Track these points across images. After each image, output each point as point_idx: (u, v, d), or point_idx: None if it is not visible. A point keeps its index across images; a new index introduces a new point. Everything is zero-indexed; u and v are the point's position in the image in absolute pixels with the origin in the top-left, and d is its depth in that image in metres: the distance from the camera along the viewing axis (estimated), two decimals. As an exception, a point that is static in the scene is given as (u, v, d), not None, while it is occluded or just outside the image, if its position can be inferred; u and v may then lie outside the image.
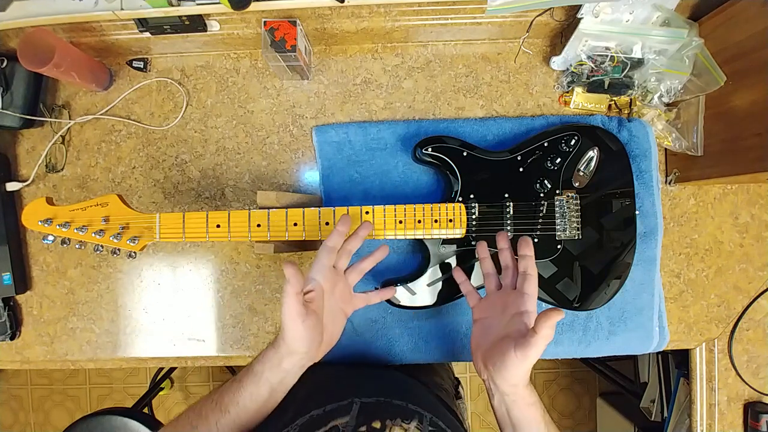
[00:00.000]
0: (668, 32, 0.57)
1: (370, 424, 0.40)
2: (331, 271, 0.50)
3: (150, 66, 0.68)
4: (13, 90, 0.64)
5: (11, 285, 0.66)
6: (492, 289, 0.53)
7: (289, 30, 0.57)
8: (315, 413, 0.41)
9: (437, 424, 0.42)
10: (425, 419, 0.42)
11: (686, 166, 0.64)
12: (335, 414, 0.41)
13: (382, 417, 0.41)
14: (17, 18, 0.59)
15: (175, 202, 0.68)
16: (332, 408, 0.42)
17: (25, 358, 0.69)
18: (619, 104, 0.65)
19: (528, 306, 0.46)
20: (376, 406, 0.43)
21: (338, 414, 0.41)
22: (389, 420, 0.40)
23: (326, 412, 0.41)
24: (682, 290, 0.67)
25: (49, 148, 0.67)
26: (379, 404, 0.43)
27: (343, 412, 0.41)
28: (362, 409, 0.42)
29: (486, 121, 0.65)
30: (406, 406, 0.43)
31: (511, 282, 0.51)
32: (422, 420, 0.42)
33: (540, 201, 0.58)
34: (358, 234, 0.53)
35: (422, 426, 0.41)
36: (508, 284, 0.51)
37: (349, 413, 0.41)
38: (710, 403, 0.68)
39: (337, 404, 0.42)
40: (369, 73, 0.67)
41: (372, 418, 0.40)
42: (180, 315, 0.68)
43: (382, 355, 0.65)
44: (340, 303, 0.51)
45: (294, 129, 0.67)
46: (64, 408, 1.76)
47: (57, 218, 0.52)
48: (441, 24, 0.62)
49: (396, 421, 0.40)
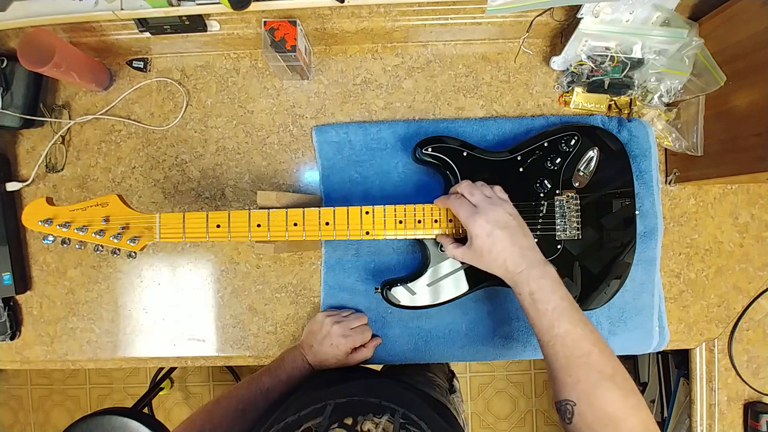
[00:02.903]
0: (668, 32, 0.57)
1: (342, 421, 0.40)
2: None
3: (150, 66, 0.68)
4: (13, 90, 0.64)
5: (11, 285, 0.66)
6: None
7: (289, 30, 0.57)
8: (290, 419, 0.42)
9: (409, 416, 0.42)
10: (397, 413, 0.42)
11: (686, 166, 0.64)
12: (309, 417, 0.41)
13: (354, 414, 0.41)
14: (17, 18, 0.59)
15: (175, 202, 0.68)
16: (306, 412, 0.42)
17: (25, 358, 0.69)
18: (619, 104, 0.65)
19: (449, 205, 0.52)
20: (348, 404, 0.43)
21: (312, 416, 0.41)
22: (361, 416, 0.40)
23: (300, 416, 0.42)
24: (682, 290, 0.67)
25: (49, 148, 0.67)
26: (352, 403, 0.43)
27: (316, 414, 0.41)
28: (335, 410, 0.42)
29: (486, 121, 0.65)
30: (379, 402, 0.43)
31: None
32: (394, 414, 0.42)
33: (540, 201, 0.58)
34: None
35: (393, 419, 0.41)
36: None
37: (323, 414, 0.41)
38: (710, 403, 0.68)
39: (312, 408, 0.42)
40: (369, 73, 0.67)
41: (344, 415, 0.40)
42: (180, 315, 0.68)
43: (382, 355, 0.65)
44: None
45: (294, 129, 0.67)
46: (64, 408, 1.76)
47: (57, 218, 0.52)
48: (441, 24, 0.62)
49: (368, 416, 0.40)
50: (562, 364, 0.42)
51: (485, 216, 0.48)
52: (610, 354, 0.42)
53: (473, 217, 0.48)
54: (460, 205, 0.50)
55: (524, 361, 1.72)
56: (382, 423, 0.40)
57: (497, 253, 0.47)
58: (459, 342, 0.64)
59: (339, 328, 0.59)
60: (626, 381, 0.41)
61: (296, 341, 0.66)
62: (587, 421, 0.40)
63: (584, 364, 0.41)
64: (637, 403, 0.40)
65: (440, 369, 0.83)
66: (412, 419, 0.42)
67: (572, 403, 0.41)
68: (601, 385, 0.40)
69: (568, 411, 0.41)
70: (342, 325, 0.59)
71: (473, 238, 0.48)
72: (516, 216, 0.50)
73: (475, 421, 1.71)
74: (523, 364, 1.72)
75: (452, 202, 0.51)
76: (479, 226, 0.47)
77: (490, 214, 0.48)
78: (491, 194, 0.51)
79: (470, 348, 0.64)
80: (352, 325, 0.61)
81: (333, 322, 0.59)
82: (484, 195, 0.50)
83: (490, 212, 0.48)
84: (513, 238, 0.47)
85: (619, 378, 0.41)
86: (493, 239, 0.47)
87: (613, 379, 0.40)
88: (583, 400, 0.40)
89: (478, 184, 0.52)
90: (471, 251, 0.49)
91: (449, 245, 0.53)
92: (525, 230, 0.49)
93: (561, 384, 0.42)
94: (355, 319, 0.62)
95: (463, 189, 0.52)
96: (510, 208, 0.50)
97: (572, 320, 0.43)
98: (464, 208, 0.49)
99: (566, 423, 0.41)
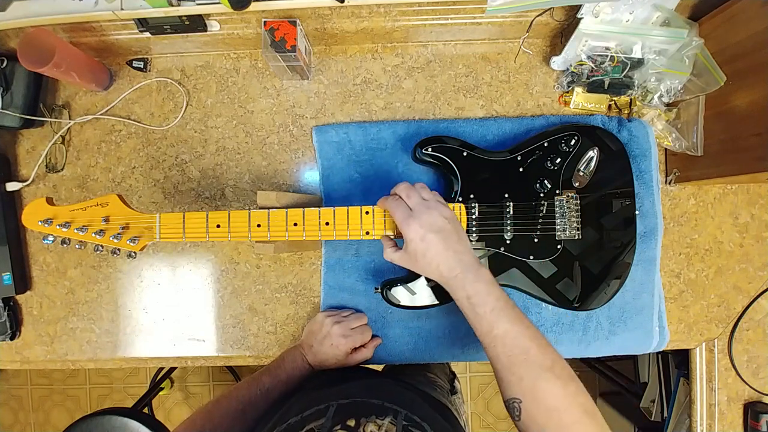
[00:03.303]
0: (668, 32, 0.57)
1: (345, 423, 0.40)
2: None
3: (150, 66, 0.68)
4: (13, 90, 0.64)
5: (11, 285, 0.66)
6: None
7: (289, 30, 0.57)
8: (292, 420, 0.42)
9: (412, 418, 0.42)
10: (400, 414, 0.42)
11: (686, 166, 0.64)
12: (311, 418, 0.41)
13: (357, 415, 0.41)
14: (17, 18, 0.59)
15: (175, 202, 0.68)
16: (309, 413, 0.42)
17: (25, 358, 0.69)
18: (619, 104, 0.65)
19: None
20: (351, 406, 0.43)
21: (315, 417, 0.41)
22: (363, 417, 0.40)
23: (303, 417, 0.42)
24: (682, 290, 0.67)
25: (49, 148, 0.67)
26: (355, 404, 0.43)
27: (319, 415, 0.41)
28: (338, 411, 0.42)
29: (486, 121, 0.65)
30: (382, 404, 0.43)
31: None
32: (396, 415, 0.42)
33: (540, 201, 0.58)
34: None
35: (396, 421, 0.41)
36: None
37: (325, 415, 0.41)
38: (710, 403, 0.68)
39: (315, 408, 0.42)
40: (369, 73, 0.67)
41: (347, 417, 0.40)
42: (180, 315, 0.68)
43: (382, 355, 0.65)
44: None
45: (294, 129, 0.67)
46: (64, 408, 1.76)
47: (57, 218, 0.52)
48: (441, 24, 0.62)
49: (370, 418, 0.40)
50: (504, 364, 0.44)
51: (419, 220, 0.47)
52: (547, 345, 0.44)
53: (408, 220, 0.47)
54: (396, 207, 0.49)
55: (524, 361, 1.72)
56: (385, 425, 0.40)
57: (431, 258, 0.47)
58: (459, 342, 0.64)
59: (339, 328, 0.59)
60: (564, 369, 0.42)
61: (296, 341, 0.66)
62: (533, 416, 0.41)
63: (524, 361, 0.42)
64: (576, 390, 0.41)
65: (441, 369, 0.83)
66: (415, 421, 0.42)
67: (518, 400, 0.42)
68: (541, 377, 0.41)
69: (516, 408, 0.42)
70: (342, 325, 0.59)
71: (408, 242, 0.48)
72: (452, 219, 0.49)
73: (475, 421, 1.71)
74: (523, 364, 1.72)
75: (389, 203, 0.50)
76: (413, 230, 0.47)
77: (424, 217, 0.47)
78: (429, 197, 0.50)
79: (471, 348, 0.64)
80: (353, 325, 0.61)
81: (333, 323, 0.59)
82: (421, 198, 0.49)
83: (424, 216, 0.47)
84: (447, 242, 0.47)
85: (557, 368, 0.42)
86: (427, 243, 0.47)
87: (552, 370, 0.42)
88: (528, 397, 0.42)
89: (417, 186, 0.51)
90: (407, 255, 0.49)
91: (388, 248, 0.52)
92: (460, 234, 0.49)
93: (506, 383, 0.43)
94: (356, 320, 0.62)
95: (400, 191, 0.50)
96: (446, 212, 0.49)
97: (509, 319, 0.44)
98: (400, 210, 0.48)
99: (516, 420, 0.42)
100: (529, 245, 0.58)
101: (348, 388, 0.47)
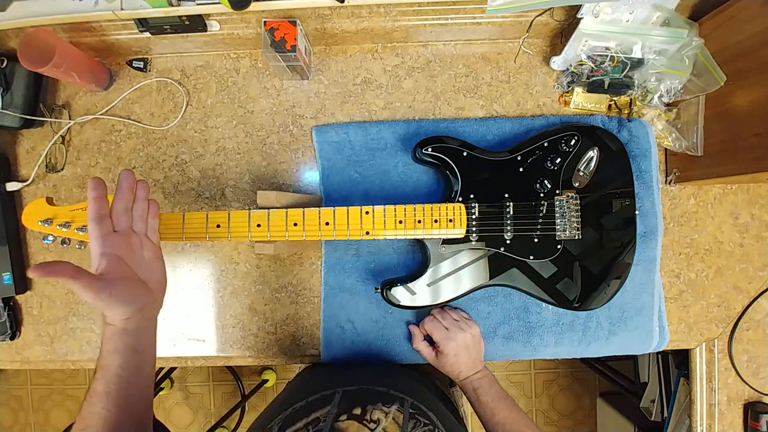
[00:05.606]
0: (668, 32, 0.57)
1: (351, 411, 0.40)
2: (116, 236, 0.46)
3: (150, 66, 0.68)
4: (13, 90, 0.64)
5: (11, 285, 0.66)
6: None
7: (289, 30, 0.57)
8: (297, 405, 0.42)
9: (418, 407, 0.43)
10: (406, 402, 0.43)
11: (686, 166, 0.64)
12: (317, 404, 0.41)
13: (363, 403, 0.41)
14: (17, 18, 0.59)
15: (175, 202, 0.68)
16: (315, 398, 0.42)
17: (25, 358, 0.69)
18: (619, 104, 0.65)
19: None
20: (357, 393, 0.44)
21: (321, 404, 0.41)
22: (370, 405, 0.41)
23: (308, 402, 0.42)
24: (682, 290, 0.67)
25: (49, 148, 0.67)
26: (361, 391, 0.44)
27: (325, 402, 0.42)
28: (344, 397, 0.42)
29: (486, 121, 0.65)
30: (388, 391, 0.44)
31: None
32: (403, 403, 0.42)
33: (540, 201, 0.58)
34: (122, 188, 0.47)
35: (403, 409, 0.42)
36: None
37: (332, 402, 0.42)
38: (710, 403, 0.68)
39: (320, 394, 0.43)
40: (369, 73, 0.67)
41: (353, 405, 0.41)
42: (180, 315, 0.68)
43: (382, 354, 0.65)
44: (147, 253, 0.49)
45: (294, 129, 0.67)
46: (64, 408, 1.76)
47: (57, 218, 0.52)
48: (441, 24, 0.62)
49: (377, 406, 0.41)
50: None
51: (456, 341, 0.58)
52: (530, 421, 0.56)
53: (446, 340, 0.58)
54: (434, 327, 0.60)
55: (524, 361, 1.72)
56: (392, 412, 0.40)
57: (457, 366, 0.59)
58: (459, 342, 0.65)
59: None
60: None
61: (296, 341, 0.66)
62: None
63: None
64: None
65: None
66: (421, 409, 0.43)
67: None
68: None
69: None
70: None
71: (444, 354, 0.59)
72: (476, 335, 0.61)
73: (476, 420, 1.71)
74: (523, 364, 1.72)
75: (428, 325, 0.61)
76: (451, 347, 0.58)
77: (459, 338, 0.58)
78: (458, 317, 0.61)
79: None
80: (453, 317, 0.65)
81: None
82: (452, 319, 0.61)
83: (459, 337, 0.58)
84: (470, 354, 0.59)
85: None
86: (457, 357, 0.58)
87: None
88: None
89: (447, 309, 0.63)
90: (437, 360, 0.60)
91: (419, 342, 0.61)
92: (479, 345, 0.61)
93: None
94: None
95: (436, 314, 0.62)
96: (474, 330, 0.60)
97: (507, 405, 0.56)
98: (438, 330, 0.59)
99: None
100: (529, 245, 0.58)
101: (354, 373, 0.47)
